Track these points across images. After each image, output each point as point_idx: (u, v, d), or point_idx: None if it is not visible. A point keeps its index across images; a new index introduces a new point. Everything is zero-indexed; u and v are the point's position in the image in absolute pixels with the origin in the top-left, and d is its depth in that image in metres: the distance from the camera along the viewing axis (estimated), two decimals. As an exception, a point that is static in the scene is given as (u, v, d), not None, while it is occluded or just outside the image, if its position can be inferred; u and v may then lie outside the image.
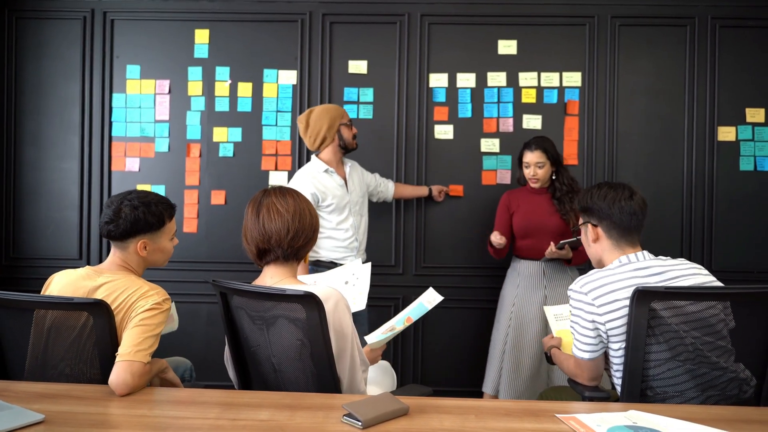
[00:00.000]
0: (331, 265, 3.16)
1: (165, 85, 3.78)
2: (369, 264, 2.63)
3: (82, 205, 3.79)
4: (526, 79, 3.69)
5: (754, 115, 3.66)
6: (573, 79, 3.69)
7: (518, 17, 3.70)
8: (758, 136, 3.66)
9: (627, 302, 1.82)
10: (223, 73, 3.76)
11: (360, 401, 1.52)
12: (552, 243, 3.04)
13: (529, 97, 3.69)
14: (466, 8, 3.71)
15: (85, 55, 3.80)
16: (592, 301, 1.88)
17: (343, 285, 2.59)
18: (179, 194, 3.76)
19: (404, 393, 1.90)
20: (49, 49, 3.81)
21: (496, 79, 3.70)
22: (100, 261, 3.78)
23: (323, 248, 3.15)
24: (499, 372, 3.21)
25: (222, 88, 3.76)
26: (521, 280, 3.23)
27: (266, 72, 3.75)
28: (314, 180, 3.11)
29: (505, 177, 3.68)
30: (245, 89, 3.76)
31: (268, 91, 3.75)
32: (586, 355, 1.94)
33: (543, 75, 3.69)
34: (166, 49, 3.78)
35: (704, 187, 3.68)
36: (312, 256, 3.18)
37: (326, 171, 3.15)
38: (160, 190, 3.75)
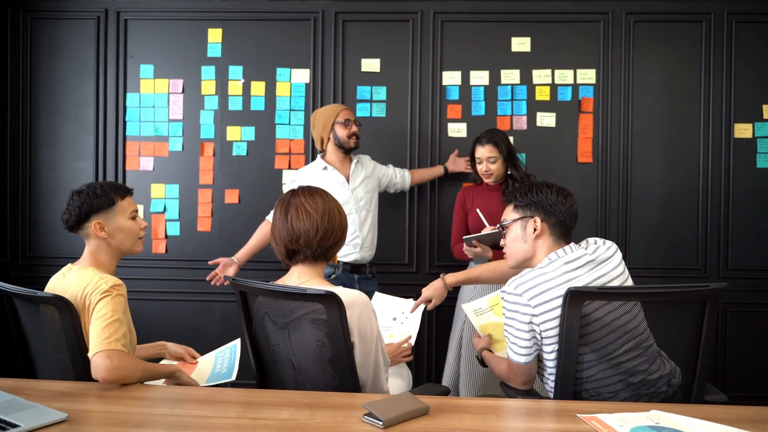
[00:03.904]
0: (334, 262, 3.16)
1: (178, 84, 3.79)
2: (423, 306, 2.57)
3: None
4: (540, 76, 3.67)
5: (771, 111, 3.63)
6: (587, 76, 3.67)
7: (532, 14, 3.68)
8: (775, 133, 3.63)
9: (561, 301, 1.81)
10: (236, 72, 3.77)
11: (380, 401, 1.52)
12: (464, 242, 2.94)
13: (543, 94, 3.67)
14: (479, 5, 3.69)
15: (99, 55, 3.81)
16: (528, 302, 1.85)
17: (391, 321, 2.56)
18: (193, 193, 3.77)
19: (422, 392, 1.89)
20: (63, 50, 3.83)
21: (510, 76, 3.68)
22: (115, 260, 3.80)
23: None
24: (455, 372, 3.09)
25: (235, 87, 3.77)
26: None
27: (279, 71, 3.75)
28: (309, 179, 3.12)
29: (519, 175, 3.67)
30: (258, 88, 3.76)
31: (281, 89, 3.76)
32: (522, 359, 1.91)
33: (557, 72, 3.67)
34: (179, 48, 3.79)
35: (720, 185, 3.65)
36: None
37: (324, 168, 3.18)
38: (174, 189, 3.77)
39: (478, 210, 3.08)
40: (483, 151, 3.08)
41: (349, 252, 3.19)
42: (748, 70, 3.64)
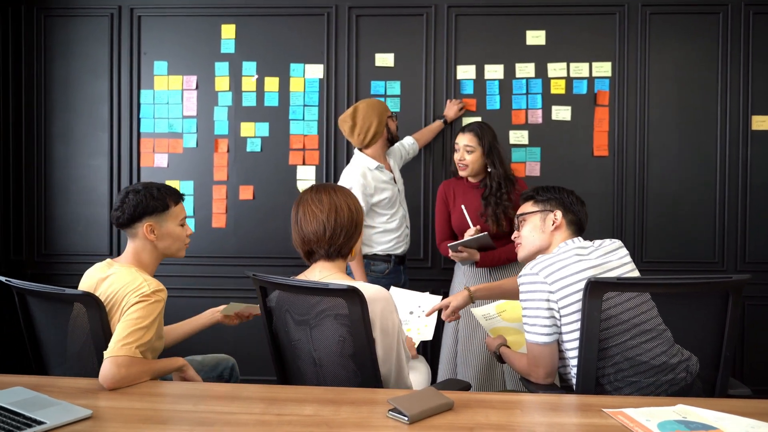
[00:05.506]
0: (387, 257, 3.15)
1: (192, 80, 3.79)
2: (439, 297, 2.58)
3: (111, 202, 3.81)
4: (555, 69, 3.64)
5: (790, 103, 3.59)
6: (603, 69, 3.63)
7: (546, 7, 3.64)
8: (794, 125, 3.59)
9: (575, 278, 1.89)
10: (249, 68, 3.76)
11: (405, 396, 1.51)
12: (449, 247, 2.90)
13: (558, 88, 3.64)
14: (493, -2, 3.67)
15: (112, 52, 3.82)
16: (545, 279, 1.92)
17: (408, 315, 2.56)
18: (207, 190, 3.78)
19: (444, 387, 1.89)
20: (76, 47, 3.84)
21: (525, 70, 3.65)
22: (131, 257, 3.81)
23: (378, 243, 3.12)
24: (451, 362, 3.04)
25: (249, 83, 3.77)
26: (467, 281, 3.03)
27: (293, 66, 3.74)
28: (367, 178, 3.04)
29: (534, 169, 3.64)
30: (272, 84, 3.75)
31: (295, 85, 3.75)
32: (542, 339, 1.93)
33: (572, 65, 3.64)
34: (192, 44, 3.79)
35: (738, 177, 3.61)
36: (368, 251, 3.14)
37: (378, 168, 3.11)
38: (189, 185, 3.77)
39: (463, 206, 2.99)
40: (462, 139, 2.99)
41: (399, 244, 3.19)
42: (766, 61, 3.59)
